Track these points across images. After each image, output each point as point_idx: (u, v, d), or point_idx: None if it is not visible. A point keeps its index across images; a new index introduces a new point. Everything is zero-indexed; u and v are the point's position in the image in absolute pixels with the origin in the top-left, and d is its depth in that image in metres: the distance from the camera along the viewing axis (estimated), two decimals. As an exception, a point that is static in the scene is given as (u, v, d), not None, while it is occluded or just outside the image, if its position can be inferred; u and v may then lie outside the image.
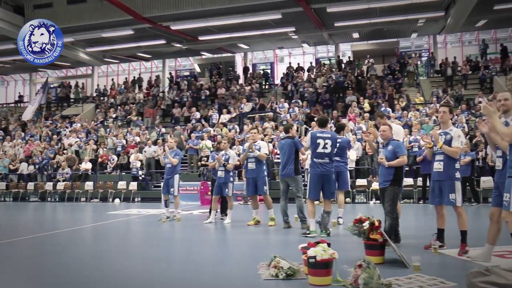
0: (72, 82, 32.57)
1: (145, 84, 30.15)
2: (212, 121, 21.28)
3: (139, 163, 18.55)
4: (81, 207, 16.21)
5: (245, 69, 29.07)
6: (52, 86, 32.79)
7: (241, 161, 10.28)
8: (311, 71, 26.16)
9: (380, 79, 23.09)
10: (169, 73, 31.69)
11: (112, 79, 32.13)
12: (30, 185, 19.45)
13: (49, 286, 4.89)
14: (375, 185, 13.98)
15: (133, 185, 17.99)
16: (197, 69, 32.90)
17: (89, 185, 18.56)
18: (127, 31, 21.97)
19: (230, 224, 9.76)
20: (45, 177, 19.88)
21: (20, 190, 19.36)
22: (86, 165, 19.53)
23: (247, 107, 21.68)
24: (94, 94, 30.05)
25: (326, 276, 4.36)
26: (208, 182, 14.46)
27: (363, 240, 5.49)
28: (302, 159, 9.71)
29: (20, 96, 34.36)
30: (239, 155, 10.48)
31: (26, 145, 21.78)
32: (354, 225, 5.50)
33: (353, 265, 4.30)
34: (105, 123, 23.60)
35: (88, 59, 27.42)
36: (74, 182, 19.08)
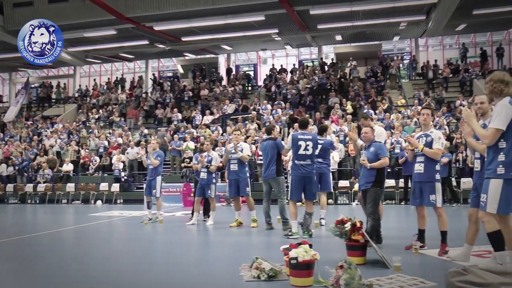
0: (53, 82, 32.13)
1: (127, 84, 29.92)
2: (195, 122, 21.21)
3: (121, 165, 18.41)
4: (62, 209, 16.01)
5: (228, 71, 29.04)
6: (32, 86, 32.32)
7: (223, 162, 10.27)
8: (294, 73, 26.26)
9: (362, 81, 23.27)
10: (152, 74, 31.50)
11: (94, 80, 31.81)
12: (10, 187, 19.10)
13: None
14: (358, 187, 14.05)
15: (116, 187, 17.82)
16: (180, 70, 32.77)
17: (70, 186, 18.32)
18: (109, 31, 21.79)
19: (212, 225, 9.74)
20: (25, 178, 19.57)
21: (-2, 192, 19.05)
22: (67, 167, 19.29)
23: (230, 109, 21.66)
24: (76, 95, 29.70)
25: (307, 277, 4.38)
26: (191, 184, 14.42)
27: (344, 241, 5.52)
28: (285, 161, 9.73)
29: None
30: (221, 157, 10.46)
31: (6, 146, 21.44)
32: (336, 226, 5.53)
33: (335, 266, 4.33)
34: (87, 124, 23.34)
35: (70, 59, 27.08)
36: (55, 183, 18.84)
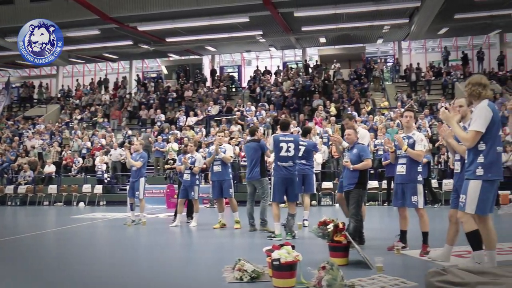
0: (35, 82, 31.69)
1: (111, 85, 29.65)
2: (179, 123, 21.13)
3: (104, 166, 18.25)
4: (44, 211, 15.82)
5: (213, 72, 28.99)
6: (14, 85, 31.87)
7: (207, 164, 10.26)
8: (278, 74, 26.30)
9: (346, 84, 23.39)
10: (136, 74, 31.29)
11: (77, 80, 31.47)
12: (-11, 189, 18.85)
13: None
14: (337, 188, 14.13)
15: (98, 188, 17.66)
16: (165, 71, 32.61)
17: (52, 188, 18.10)
18: (93, 31, 21.57)
19: (195, 227, 9.71)
20: (5, 180, 19.27)
21: (-22, 194, 18.72)
22: (49, 168, 19.06)
23: (214, 110, 21.62)
24: (59, 95, 29.36)
25: (290, 278, 4.39)
26: (175, 185, 14.35)
27: (327, 242, 5.56)
28: (269, 162, 9.77)
29: (-21, 96, 33.29)
30: (205, 158, 10.44)
31: (-14, 147, 21.11)
32: (319, 228, 5.56)
33: (317, 267, 4.35)
34: (70, 125, 23.08)
35: (53, 59, 26.74)
36: (36, 185, 18.59)
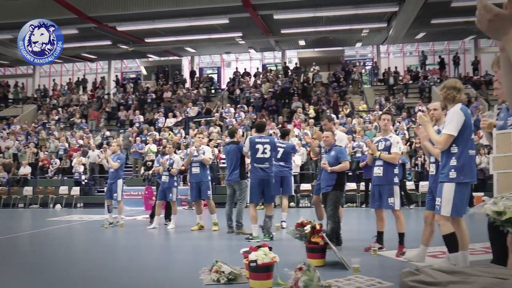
0: (11, 82, 31.10)
1: (89, 85, 29.32)
2: (158, 125, 21.00)
3: (82, 168, 18.01)
4: (19, 213, 15.54)
5: (192, 73, 28.90)
6: (-12, 85, 31.25)
7: (185, 165, 10.22)
8: (258, 76, 26.37)
9: (325, 86, 23.60)
10: (115, 75, 30.99)
11: (54, 80, 31.01)
12: (-39, 190, 18.39)
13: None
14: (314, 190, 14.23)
15: (76, 190, 17.39)
16: (144, 72, 32.37)
17: (28, 190, 17.76)
18: (71, 30, 21.23)
19: (173, 229, 9.67)
20: (-22, 181, 18.89)
21: (-51, 196, 18.24)
22: (25, 169, 18.72)
23: (193, 111, 21.55)
24: (35, 95, 28.89)
25: (267, 279, 4.40)
26: (153, 187, 14.25)
27: (304, 243, 5.59)
28: (247, 164, 9.77)
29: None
30: (183, 159, 10.40)
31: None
32: (296, 229, 5.58)
33: (294, 268, 4.37)
34: (47, 125, 22.73)
35: (29, 58, 26.29)
36: (11, 187, 18.23)
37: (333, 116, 18.37)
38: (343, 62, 27.68)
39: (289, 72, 25.89)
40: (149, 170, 15.62)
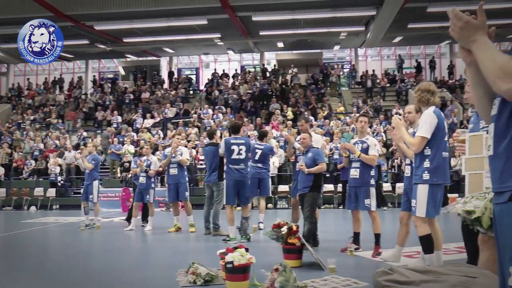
0: (-17, 81, 30.52)
1: (66, 85, 28.89)
2: (136, 125, 20.82)
3: (58, 169, 17.70)
4: (-9, 215, 15.22)
5: (170, 74, 28.74)
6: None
7: (162, 167, 10.16)
8: (236, 78, 26.37)
9: (303, 88, 23.71)
10: (92, 74, 30.60)
11: (28, 79, 30.44)
12: None
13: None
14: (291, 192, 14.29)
15: (51, 192, 17.10)
16: (122, 72, 32.06)
17: (1, 191, 17.41)
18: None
19: (151, 231, 9.60)
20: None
21: None
22: (-2, 170, 18.37)
23: (171, 112, 21.44)
24: (9, 94, 28.32)
25: (243, 280, 4.41)
26: (130, 188, 14.13)
27: (281, 244, 5.61)
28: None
29: None
30: (161, 161, 10.35)
31: None
32: (273, 230, 5.61)
33: (271, 269, 4.39)
34: (22, 126, 22.30)
35: (3, 56, 25.71)
36: (-17, 188, 17.86)
37: (311, 118, 18.51)
38: (321, 64, 27.84)
39: (268, 74, 25.95)
40: (127, 172, 15.46)
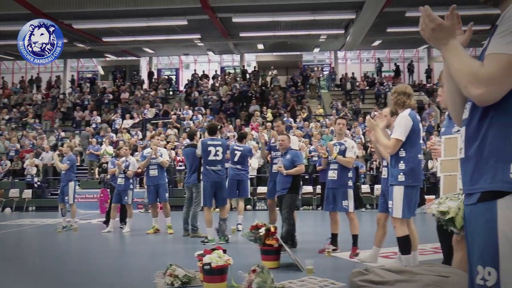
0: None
1: (44, 84, 28.45)
2: (115, 126, 20.61)
3: (35, 169, 17.38)
4: (-35, 217, 14.88)
5: (150, 74, 28.54)
6: None
7: (142, 168, 10.08)
8: (216, 79, 26.32)
9: (283, 90, 23.80)
10: (71, 74, 30.18)
11: (3, 77, 29.83)
12: None
13: None
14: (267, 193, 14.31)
15: (28, 193, 16.75)
16: (101, 72, 31.71)
17: (-26, 193, 17.05)
18: (23, 26, 20.53)
19: (129, 233, 9.53)
20: None
21: None
22: (-29, 171, 17.96)
23: (151, 113, 21.29)
24: (-16, 93, 27.76)
25: (221, 282, 4.42)
26: (108, 189, 14.00)
27: (259, 245, 5.62)
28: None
29: None
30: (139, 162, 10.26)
31: None
32: (251, 232, 5.62)
33: (248, 270, 4.40)
34: (-3, 125, 21.89)
35: (-22, 54, 25.28)
36: (-45, 189, 17.42)
37: (291, 120, 18.62)
38: (301, 66, 27.98)
39: (248, 75, 25.96)
40: (105, 173, 15.32)
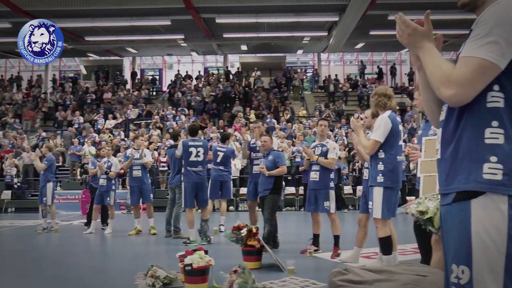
0: None
1: (24, 83, 28.06)
2: (98, 126, 20.43)
3: (14, 170, 17.12)
4: None
5: (133, 74, 28.35)
6: None
7: (125, 168, 10.01)
8: (199, 80, 26.27)
9: (266, 91, 23.84)
10: (52, 73, 29.81)
11: (-18, 76, 29.38)
12: None
13: None
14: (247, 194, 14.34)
15: (7, 194, 16.47)
16: (83, 71, 31.40)
17: (-50, 194, 16.70)
18: (3, 23, 20.16)
19: (111, 234, 9.46)
20: None
21: None
22: None
23: (133, 113, 21.16)
24: (-38, 92, 27.25)
25: (202, 283, 4.42)
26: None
27: (241, 246, 5.63)
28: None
29: None
30: (122, 162, 10.20)
31: None
32: (232, 232, 5.63)
33: (230, 271, 4.40)
34: (-25, 125, 21.52)
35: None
36: None
37: (274, 121, 18.66)
38: (285, 68, 28.07)
39: (231, 76, 25.95)
40: (87, 173, 15.16)
